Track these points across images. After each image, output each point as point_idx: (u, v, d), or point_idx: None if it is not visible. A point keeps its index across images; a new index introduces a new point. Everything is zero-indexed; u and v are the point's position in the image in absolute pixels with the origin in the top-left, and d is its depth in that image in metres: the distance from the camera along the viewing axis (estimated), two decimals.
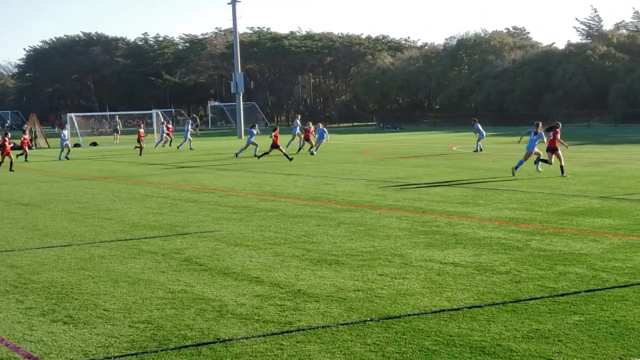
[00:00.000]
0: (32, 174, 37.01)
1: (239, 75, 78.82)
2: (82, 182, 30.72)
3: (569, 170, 29.39)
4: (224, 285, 12.34)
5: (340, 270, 13.19)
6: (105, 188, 28.05)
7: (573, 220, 17.72)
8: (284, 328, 9.93)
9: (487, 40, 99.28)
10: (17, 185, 30.08)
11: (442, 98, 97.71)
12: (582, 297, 10.94)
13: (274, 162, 39.41)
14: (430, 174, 29.94)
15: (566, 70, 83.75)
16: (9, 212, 22.08)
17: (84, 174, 35.51)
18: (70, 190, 27.83)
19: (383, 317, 10.23)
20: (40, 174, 36.97)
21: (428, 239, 15.89)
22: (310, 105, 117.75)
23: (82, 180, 31.52)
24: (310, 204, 22.20)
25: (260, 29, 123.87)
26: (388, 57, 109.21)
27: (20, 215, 21.00)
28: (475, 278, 12.29)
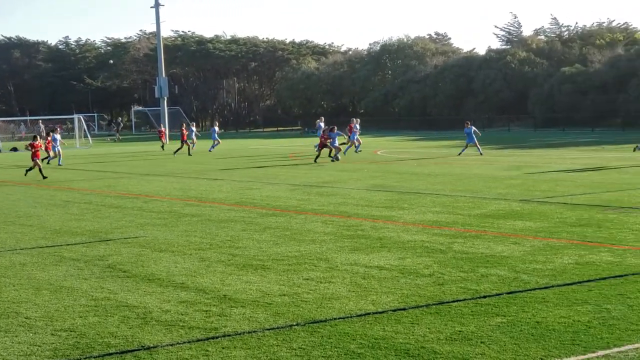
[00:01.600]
0: None
1: (163, 79, 78.17)
2: (1, 188, 30.12)
3: (490, 174, 29.88)
4: (149, 291, 12.23)
5: (266, 275, 13.19)
6: (26, 194, 27.54)
7: (494, 223, 18.02)
8: (210, 334, 9.89)
9: (410, 46, 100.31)
10: None
11: (366, 102, 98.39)
12: (503, 299, 11.13)
13: (198, 166, 39.20)
14: (355, 178, 30.12)
15: (487, 76, 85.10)
16: None
17: (3, 179, 34.80)
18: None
19: (309, 322, 10.26)
20: None
21: (353, 243, 15.99)
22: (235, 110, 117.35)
23: (1, 187, 30.90)
24: (235, 208, 22.14)
25: (184, 32, 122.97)
26: (312, 62, 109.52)
27: None
28: (399, 281, 12.41)
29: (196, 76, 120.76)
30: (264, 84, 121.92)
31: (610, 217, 18.38)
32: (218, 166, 39.18)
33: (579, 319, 9.95)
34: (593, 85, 76.53)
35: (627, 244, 14.98)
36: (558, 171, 30.63)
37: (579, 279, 12.13)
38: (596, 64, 79.00)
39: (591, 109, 74.60)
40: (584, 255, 13.92)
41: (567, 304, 10.69)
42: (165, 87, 78.25)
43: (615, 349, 8.79)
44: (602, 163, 34.14)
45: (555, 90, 78.37)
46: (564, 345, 9.00)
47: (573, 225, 17.30)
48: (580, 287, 11.67)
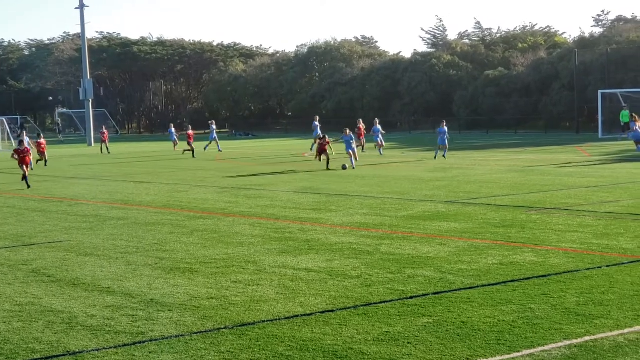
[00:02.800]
0: None
1: (88, 81, 77.14)
2: None
3: (417, 175, 30.19)
4: (74, 296, 12.08)
5: (194, 278, 13.12)
6: None
7: (421, 224, 18.23)
8: (137, 338, 9.81)
9: (337, 49, 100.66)
10: None
11: (294, 105, 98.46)
12: (430, 299, 11.27)
13: (125, 169, 38.79)
14: (283, 181, 30.14)
15: (412, 79, 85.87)
16: None
17: None
18: None
19: (237, 325, 10.25)
20: None
21: (281, 245, 16.01)
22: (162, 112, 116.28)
23: None
24: (162, 211, 21.97)
25: (109, 34, 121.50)
26: (240, 64, 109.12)
27: None
28: (327, 283, 12.47)
29: (122, 78, 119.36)
30: (191, 86, 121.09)
31: (533, 218, 18.74)
32: (145, 169, 38.83)
33: (504, 319, 10.13)
34: (516, 88, 77.82)
35: (549, 244, 15.29)
36: (483, 173, 31.09)
37: (503, 279, 12.35)
38: (519, 67, 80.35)
39: (514, 111, 75.86)
40: (508, 256, 14.17)
41: (492, 304, 10.87)
42: (90, 89, 77.21)
43: (539, 348, 8.97)
44: (525, 165, 34.76)
45: (479, 93, 79.48)
46: (489, 344, 9.15)
47: (497, 226, 17.60)
48: (504, 287, 11.87)
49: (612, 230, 16.65)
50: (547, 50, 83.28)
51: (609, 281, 11.99)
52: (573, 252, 14.43)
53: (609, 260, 13.53)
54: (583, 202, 21.20)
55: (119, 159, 47.83)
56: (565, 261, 13.60)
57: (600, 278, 12.23)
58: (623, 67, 69.35)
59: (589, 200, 21.57)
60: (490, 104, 77.57)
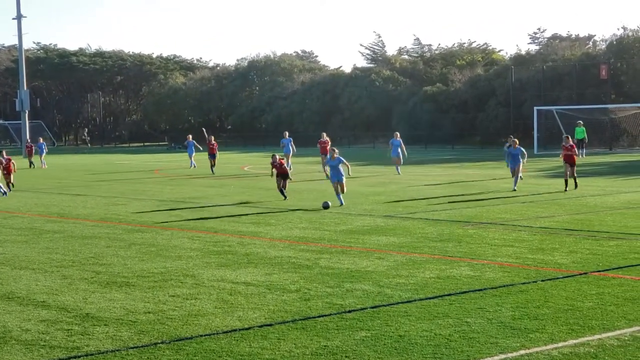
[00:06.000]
0: None
1: (25, 92, 76.06)
2: None
3: (356, 190, 30.32)
4: (8, 310, 11.88)
5: (131, 292, 13.01)
6: None
7: (360, 238, 18.31)
8: (72, 353, 9.68)
9: (277, 63, 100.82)
10: None
11: (234, 118, 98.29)
12: (368, 313, 11.33)
13: (61, 182, 38.29)
14: (222, 194, 30.04)
15: (352, 93, 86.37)
16: None
17: None
18: None
19: (174, 339, 10.18)
20: None
21: (220, 259, 15.95)
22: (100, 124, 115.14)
23: None
24: (100, 224, 21.74)
25: (47, 45, 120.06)
26: (180, 77, 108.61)
27: None
28: (266, 297, 12.46)
29: (59, 89, 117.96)
30: (130, 98, 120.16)
31: (470, 232, 18.95)
32: (82, 182, 38.37)
33: (441, 333, 10.22)
34: (454, 104, 78.75)
35: (485, 258, 15.48)
36: (421, 187, 31.33)
37: (441, 293, 12.47)
38: (457, 84, 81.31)
39: (452, 127, 76.71)
40: (445, 270, 14.31)
41: (429, 318, 10.96)
42: (27, 100, 76.16)
43: None
44: (462, 179, 35.14)
45: (417, 108, 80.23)
46: (426, 358, 9.23)
47: (435, 241, 17.76)
48: (441, 300, 11.99)
49: (547, 245, 16.92)
50: (484, 67, 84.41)
51: (544, 295, 12.18)
52: (509, 266, 14.63)
53: (544, 275, 13.73)
54: (519, 217, 21.50)
55: (55, 172, 47.17)
56: (501, 275, 13.78)
57: (535, 292, 12.41)
58: (558, 84, 70.63)
59: (525, 215, 21.89)
60: (428, 119, 78.35)
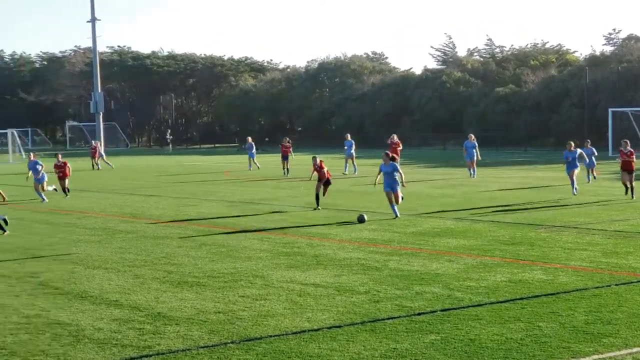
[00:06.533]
0: None
1: (99, 94, 77.44)
2: None
3: (426, 192, 30.13)
4: (81, 309, 12.07)
5: (202, 292, 13.11)
6: None
7: (429, 240, 18.18)
8: (143, 352, 9.79)
9: (347, 64, 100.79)
10: None
11: (304, 120, 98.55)
12: (437, 316, 11.23)
13: (134, 182, 38.84)
14: (292, 196, 30.13)
15: (423, 95, 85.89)
16: None
17: None
18: None
19: (244, 339, 10.22)
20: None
21: (289, 260, 15.98)
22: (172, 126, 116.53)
23: None
24: (171, 225, 21.98)
25: (121, 47, 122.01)
26: (250, 79, 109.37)
27: None
28: (335, 298, 12.43)
29: (133, 91, 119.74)
30: (201, 100, 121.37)
31: (542, 235, 18.67)
32: (154, 183, 38.87)
33: (512, 337, 10.07)
34: (526, 105, 77.78)
35: (558, 262, 15.23)
36: (492, 190, 31.00)
37: (512, 297, 12.29)
38: (530, 85, 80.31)
39: (524, 128, 75.75)
40: (517, 273, 14.11)
41: (500, 322, 10.81)
42: (101, 103, 77.53)
43: None
44: (535, 182, 34.66)
45: (489, 109, 79.46)
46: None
47: (506, 244, 17.53)
48: (513, 304, 11.82)
49: (621, 248, 16.58)
50: (557, 68, 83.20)
51: (618, 300, 11.92)
52: (582, 270, 14.37)
53: (617, 279, 13.46)
54: (592, 220, 21.11)
55: (128, 173, 47.90)
56: (574, 279, 13.53)
57: (609, 296, 12.17)
58: (634, 85, 69.25)
59: (599, 219, 21.48)
60: (500, 121, 77.52)
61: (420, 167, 48.61)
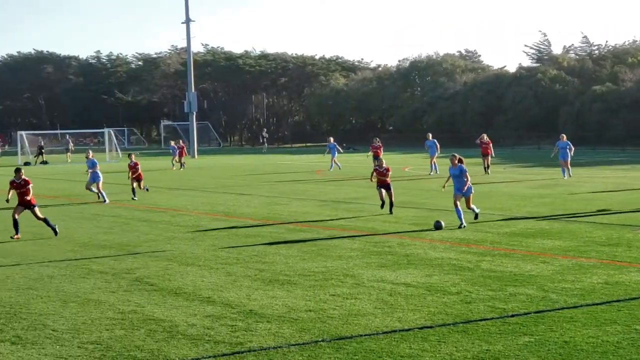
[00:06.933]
0: None
1: (192, 94, 78.57)
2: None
3: (520, 192, 29.69)
4: (175, 305, 12.25)
5: (293, 290, 13.17)
6: (56, 207, 27.70)
7: (523, 241, 17.90)
8: (235, 349, 9.88)
9: (439, 63, 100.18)
10: None
11: (395, 119, 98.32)
12: (531, 318, 11.04)
13: (226, 181, 39.29)
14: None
15: (517, 93, 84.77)
16: None
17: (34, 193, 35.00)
18: None
19: (335, 338, 10.23)
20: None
21: (380, 259, 15.94)
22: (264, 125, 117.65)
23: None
24: (263, 223, 22.16)
25: (214, 48, 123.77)
26: (341, 78, 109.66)
27: None
28: (426, 299, 12.34)
29: (225, 91, 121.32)
30: (292, 99, 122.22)
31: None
32: (246, 181, 39.27)
33: (608, 339, 9.84)
34: (624, 103, 75.99)
35: None
36: (588, 190, 30.37)
37: (608, 299, 12.01)
38: (627, 83, 78.47)
39: (622, 128, 74.02)
40: (614, 275, 13.78)
41: (596, 324, 10.57)
42: (195, 102, 78.64)
43: None
44: (632, 183, 33.83)
45: (585, 108, 77.93)
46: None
47: (603, 245, 17.14)
48: (609, 307, 11.54)
49: None
50: None
51: None
52: None
53: None
54: None
55: (220, 171, 48.50)
56: None
57: None
58: None
59: None
60: (596, 120, 75.94)
61: (513, 166, 47.95)
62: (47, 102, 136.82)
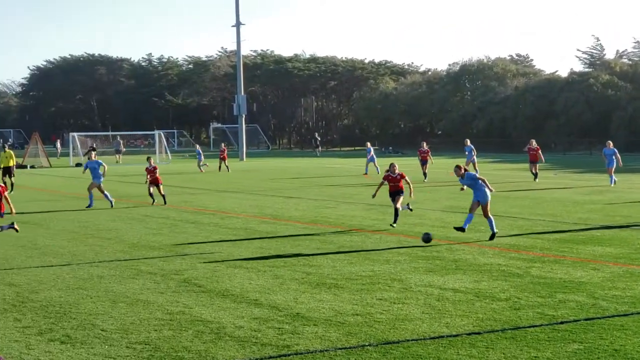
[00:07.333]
0: (33, 192, 37.01)
1: (242, 97, 78.96)
2: (82, 201, 30.71)
3: (571, 198, 29.36)
4: (223, 307, 12.30)
5: (340, 294, 13.15)
6: (106, 207, 27.99)
7: (573, 248, 17.68)
8: (282, 351, 9.89)
9: (490, 67, 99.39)
10: (18, 203, 29.99)
11: (445, 123, 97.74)
12: (581, 325, 10.90)
13: (274, 184, 39.40)
14: (431, 199, 29.90)
15: (568, 98, 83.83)
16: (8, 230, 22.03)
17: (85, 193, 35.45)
18: (71, 209, 27.80)
19: (381, 342, 10.19)
20: (41, 192, 36.97)
21: (428, 264, 15.86)
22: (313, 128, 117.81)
23: (83, 200, 31.47)
24: (310, 227, 22.17)
25: (264, 51, 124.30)
26: (391, 82, 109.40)
27: (20, 234, 20.95)
28: (474, 304, 12.25)
29: (274, 94, 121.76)
30: (342, 103, 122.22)
31: None
32: (294, 184, 39.34)
33: None
34: None
35: None
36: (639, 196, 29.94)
37: None
38: None
39: None
40: None
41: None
42: (244, 105, 79.02)
43: None
44: None
45: (638, 114, 76.83)
46: None
47: None
48: None
49: None
50: None
51: None
52: None
53: None
54: None
55: (269, 174, 48.67)
56: None
57: None
58: None
59: None
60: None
61: (565, 172, 47.43)
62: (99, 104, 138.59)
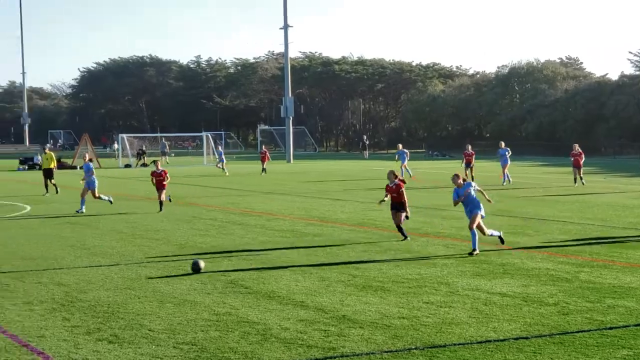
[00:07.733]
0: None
1: (289, 99, 79.12)
2: (131, 202, 31.01)
3: (621, 202, 28.98)
4: (269, 308, 12.34)
5: (386, 296, 13.12)
6: (154, 209, 28.22)
7: (623, 252, 17.45)
8: (328, 354, 9.88)
9: (539, 70, 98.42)
10: (66, 203, 30.43)
11: (493, 126, 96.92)
12: (631, 331, 10.75)
13: (321, 186, 39.42)
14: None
15: (619, 101, 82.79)
16: (57, 230, 22.35)
17: (132, 194, 35.81)
18: (119, 209, 28.08)
19: (428, 346, 10.14)
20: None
21: (475, 268, 15.75)
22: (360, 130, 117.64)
23: (131, 201, 31.80)
24: (357, 229, 22.15)
25: (311, 53, 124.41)
26: (439, 85, 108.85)
27: (69, 234, 21.24)
28: (522, 309, 12.14)
29: (322, 96, 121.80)
30: (389, 105, 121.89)
31: None
32: (341, 187, 39.33)
33: None
34: None
35: None
36: None
37: None
38: None
39: None
40: None
41: None
42: (291, 107, 79.16)
43: None
44: None
45: None
46: None
47: None
48: None
49: None
50: None
51: None
52: None
53: None
54: None
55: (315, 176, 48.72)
56: None
57: None
58: None
59: None
60: None
61: (614, 176, 46.83)
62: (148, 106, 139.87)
